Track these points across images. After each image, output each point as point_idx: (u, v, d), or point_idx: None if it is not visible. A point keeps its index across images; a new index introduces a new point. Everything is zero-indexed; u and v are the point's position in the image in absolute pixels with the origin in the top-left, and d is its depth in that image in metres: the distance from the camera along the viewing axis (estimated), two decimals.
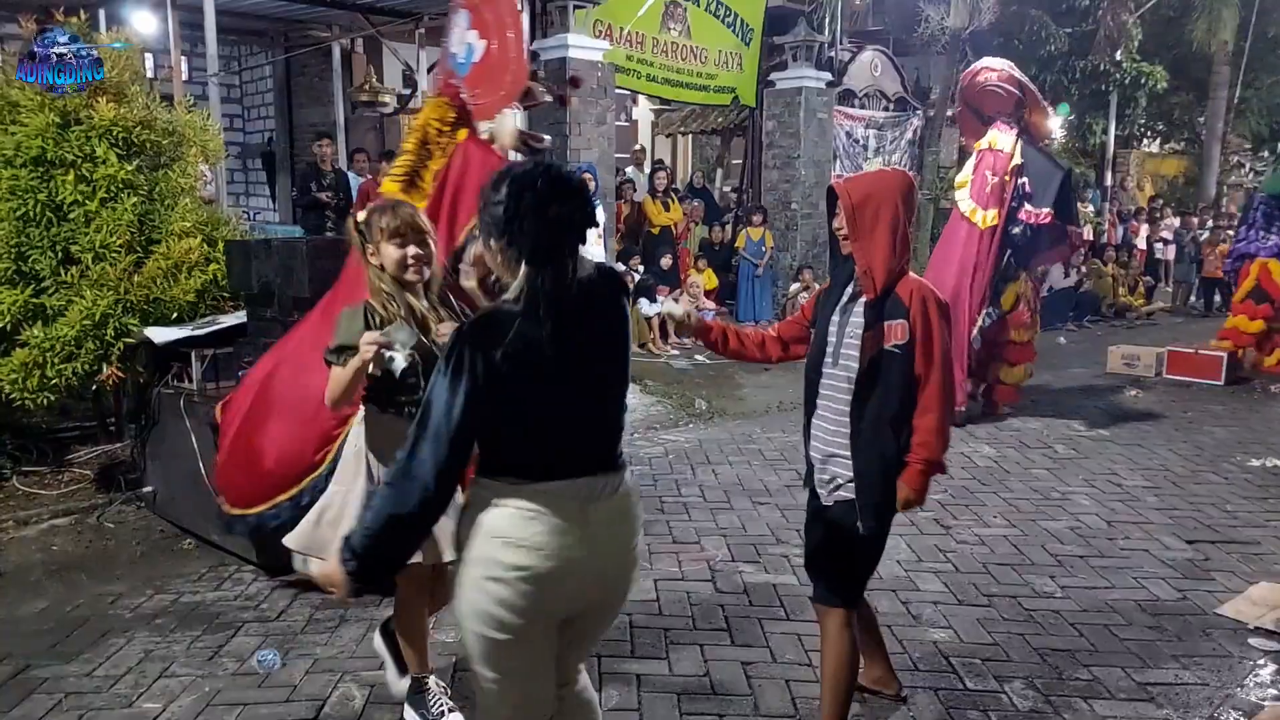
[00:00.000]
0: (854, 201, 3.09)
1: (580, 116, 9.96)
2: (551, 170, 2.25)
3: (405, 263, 3.11)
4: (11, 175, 5.48)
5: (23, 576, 4.84)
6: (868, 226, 3.07)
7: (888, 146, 14.84)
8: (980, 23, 13.97)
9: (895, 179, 3.18)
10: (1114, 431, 7.80)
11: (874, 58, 14.61)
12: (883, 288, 3.06)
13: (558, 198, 2.20)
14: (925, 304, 3.04)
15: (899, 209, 3.08)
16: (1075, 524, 5.59)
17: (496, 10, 4.38)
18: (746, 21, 13.03)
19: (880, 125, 14.71)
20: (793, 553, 4.97)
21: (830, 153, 13.55)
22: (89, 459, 6.36)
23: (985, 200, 7.84)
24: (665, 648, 4.02)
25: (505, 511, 2.24)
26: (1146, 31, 17.46)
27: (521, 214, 2.18)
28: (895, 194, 3.09)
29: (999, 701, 3.64)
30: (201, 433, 4.99)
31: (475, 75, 4.40)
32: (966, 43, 14.22)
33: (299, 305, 4.88)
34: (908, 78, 15.40)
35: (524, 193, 2.19)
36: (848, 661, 3.20)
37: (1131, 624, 4.31)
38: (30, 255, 5.49)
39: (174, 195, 6.00)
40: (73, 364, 5.38)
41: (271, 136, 14.30)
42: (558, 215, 2.20)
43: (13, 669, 3.85)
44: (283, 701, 3.61)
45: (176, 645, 4.06)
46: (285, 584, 4.61)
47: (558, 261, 2.22)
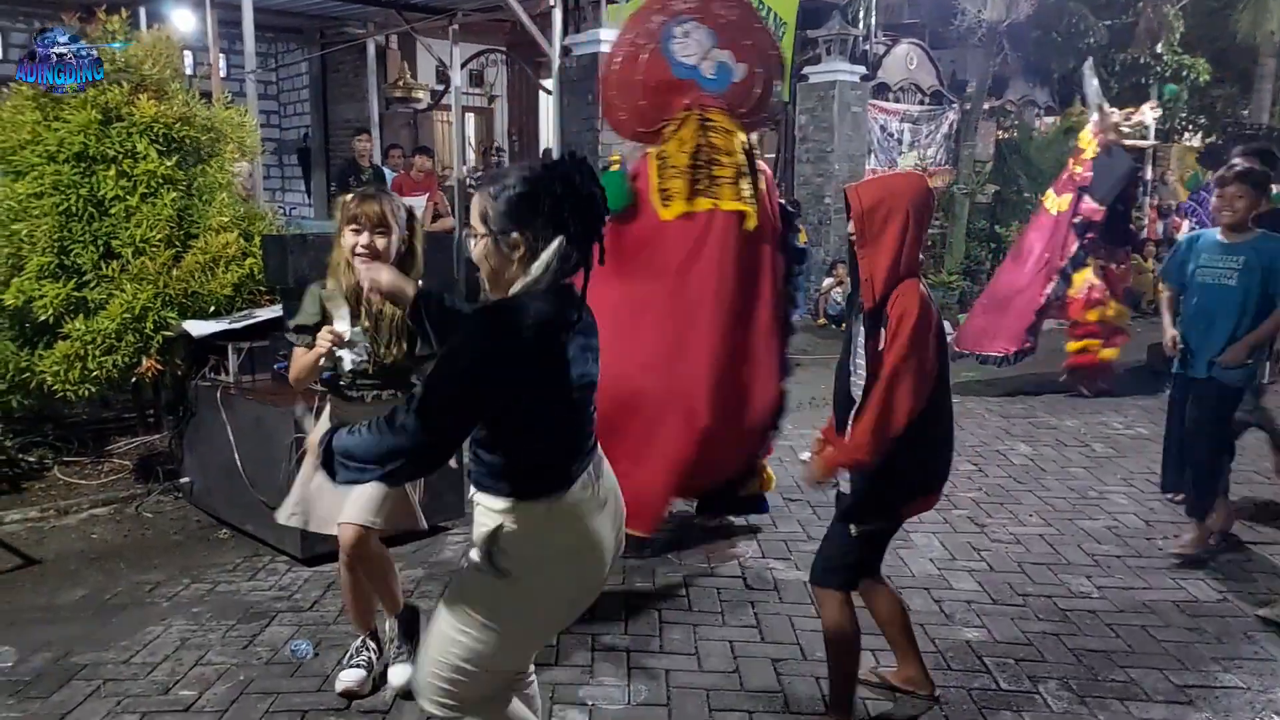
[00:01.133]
0: (863, 207, 3.05)
1: None
2: (580, 160, 2.25)
3: (355, 249, 3.29)
4: (55, 171, 5.56)
5: (63, 564, 4.92)
6: (875, 233, 3.04)
7: (923, 140, 14.72)
8: (1018, 15, 13.81)
9: (908, 184, 3.14)
10: (1153, 430, 7.68)
11: (909, 51, 14.49)
12: (880, 296, 3.03)
13: (590, 179, 2.22)
14: (902, 317, 2.98)
15: (909, 216, 3.03)
16: (1113, 523, 5.53)
17: (758, 42, 5.06)
18: (780, 15, 12.94)
19: (915, 119, 14.58)
20: None
21: (864, 147, 13.45)
22: (128, 450, 6.45)
23: (1060, 187, 8.65)
24: (695, 643, 4.02)
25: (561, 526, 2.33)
26: (1188, 23, 17.20)
27: (563, 197, 2.17)
28: (906, 201, 3.04)
29: (1033, 702, 3.61)
30: (237, 425, 5.05)
31: (735, 94, 4.96)
32: (1004, 35, 14.09)
33: None
34: (944, 71, 15.27)
35: (554, 181, 2.19)
36: (850, 639, 3.23)
37: (1170, 625, 4.26)
38: (72, 249, 5.56)
39: (212, 190, 6.06)
40: (113, 356, 5.45)
41: (307, 132, 14.41)
42: (596, 195, 2.22)
43: (53, 655, 3.91)
44: (315, 691, 3.65)
45: (212, 634, 4.11)
46: (318, 574, 4.66)
47: (588, 250, 2.24)
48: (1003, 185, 14.01)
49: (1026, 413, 8.21)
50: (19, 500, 5.65)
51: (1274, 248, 4.81)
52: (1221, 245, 4.94)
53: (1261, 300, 4.79)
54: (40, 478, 5.97)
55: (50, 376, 5.44)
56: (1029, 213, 13.46)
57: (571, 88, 10.08)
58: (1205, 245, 5.03)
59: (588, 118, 9.78)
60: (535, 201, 2.18)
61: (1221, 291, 4.87)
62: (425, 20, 11.49)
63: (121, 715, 3.48)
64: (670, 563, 4.91)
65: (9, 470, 5.87)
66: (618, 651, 3.94)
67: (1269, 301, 4.79)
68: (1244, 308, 4.80)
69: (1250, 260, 4.80)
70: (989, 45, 14.17)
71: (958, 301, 13.16)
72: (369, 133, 11.22)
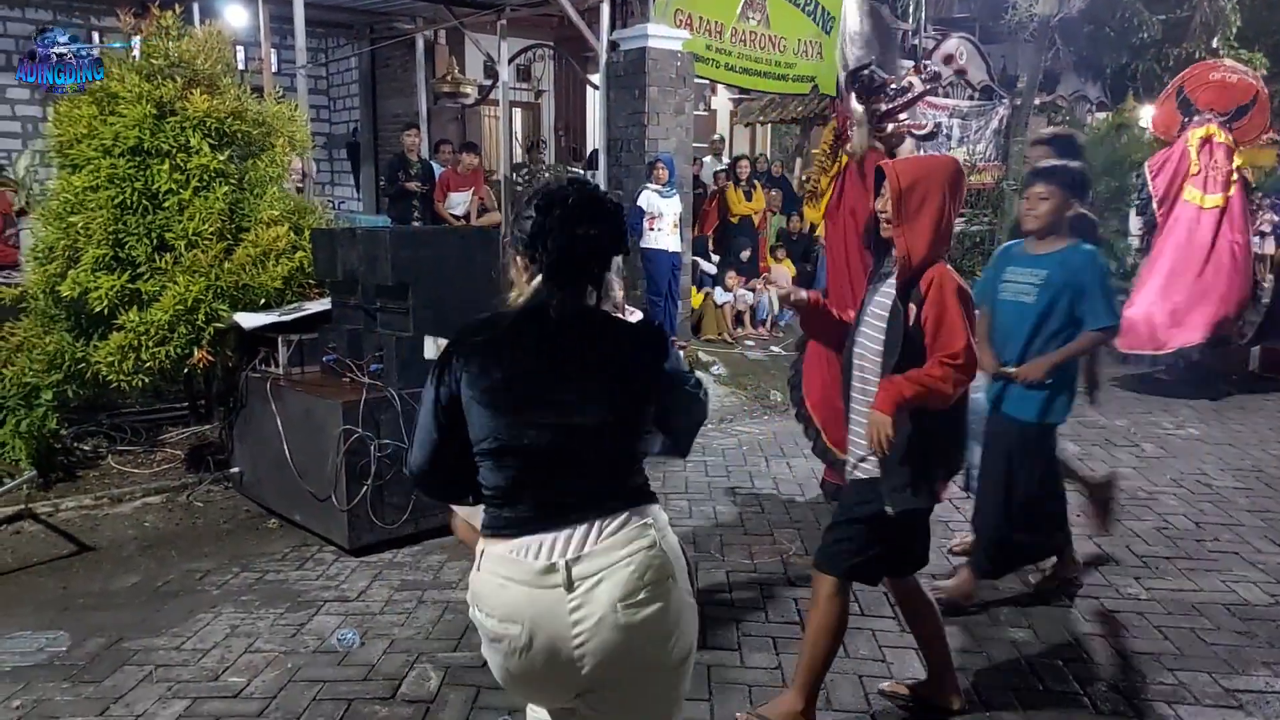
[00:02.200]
0: (902, 186, 3.04)
1: (658, 106, 9.94)
2: (586, 189, 2.15)
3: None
4: (110, 164, 5.64)
5: (117, 551, 5.02)
6: (912, 212, 3.02)
7: (972, 136, 14.57)
8: (1070, 9, 13.64)
9: (944, 165, 3.13)
10: (1204, 430, 7.58)
11: (960, 45, 14.35)
12: (915, 270, 3.03)
13: (586, 218, 2.10)
14: (942, 289, 3.00)
15: (945, 197, 3.03)
16: (1162, 524, 5.45)
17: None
18: (827, 9, 12.86)
19: (965, 114, 14.44)
20: None
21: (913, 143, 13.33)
22: (180, 440, 6.57)
23: (1208, 186, 8.90)
24: (737, 639, 4.02)
25: (482, 573, 2.10)
26: (1245, 17, 16.84)
27: (547, 230, 2.08)
28: (943, 181, 3.04)
29: (1079, 704, 3.57)
30: (287, 416, 5.12)
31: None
32: (1055, 30, 13.90)
33: (382, 293, 4.97)
34: (994, 66, 15.10)
35: (553, 209, 2.10)
36: (829, 628, 3.21)
37: (1220, 628, 4.19)
38: (127, 242, 5.64)
39: (263, 184, 6.13)
40: (166, 348, 5.52)
41: (356, 127, 14.53)
42: (584, 236, 2.09)
43: (106, 640, 4.00)
44: (361, 680, 3.69)
45: (261, 622, 4.18)
46: (365, 565, 4.72)
47: (573, 284, 2.11)
48: None
49: (1074, 412, 8.07)
50: (74, 488, 5.77)
51: (1082, 261, 4.02)
52: (1027, 257, 4.16)
53: (1068, 323, 4.04)
54: (95, 466, 6.09)
55: (105, 367, 5.53)
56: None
57: (618, 83, 10.07)
58: (1013, 257, 4.26)
59: (635, 113, 9.76)
60: (532, 232, 2.12)
61: (1019, 310, 4.10)
62: (473, 15, 11.54)
63: (171, 701, 3.54)
64: (713, 559, 4.91)
65: (65, 459, 6.00)
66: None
67: (1075, 325, 4.04)
68: (1039, 329, 4.06)
69: (1053, 275, 4.01)
70: (1040, 40, 14.00)
71: None
72: (417, 127, 11.29)
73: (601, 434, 2.09)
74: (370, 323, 5.12)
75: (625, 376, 2.13)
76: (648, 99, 9.76)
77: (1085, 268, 4.01)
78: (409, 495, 4.91)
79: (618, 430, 2.12)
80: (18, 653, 3.91)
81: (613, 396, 2.10)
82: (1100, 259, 4.09)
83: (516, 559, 2.05)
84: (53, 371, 5.68)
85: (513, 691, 2.24)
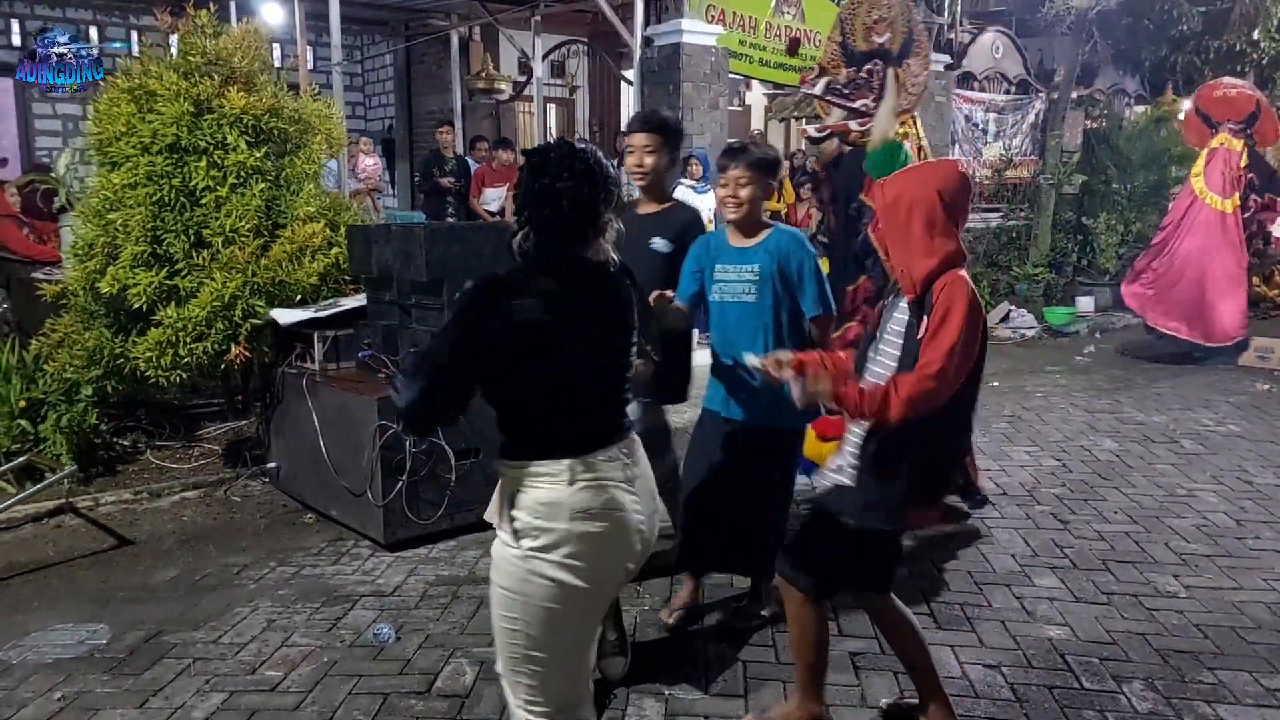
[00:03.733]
0: (885, 201, 2.95)
1: (693, 102, 9.93)
2: (564, 148, 2.34)
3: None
4: (148, 161, 5.69)
5: (155, 545, 5.08)
6: (899, 226, 2.90)
7: (1008, 130, 14.44)
8: (1107, 1, 13.46)
9: (934, 175, 2.97)
10: (1245, 427, 7.47)
11: (995, 39, 14.22)
12: (922, 287, 2.87)
13: (565, 175, 2.30)
14: (950, 298, 2.80)
15: (937, 206, 2.86)
16: (1202, 522, 5.38)
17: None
18: None
19: (1001, 109, 14.32)
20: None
21: (948, 137, 13.25)
22: (217, 435, 6.64)
23: (1223, 189, 9.76)
24: (771, 635, 4.00)
25: (579, 490, 2.32)
26: None
27: (537, 190, 2.31)
28: (931, 191, 2.87)
29: (1116, 702, 3.53)
30: (322, 412, 5.15)
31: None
32: (1093, 22, 13.74)
33: (417, 289, 4.99)
34: (1030, 60, 14.95)
35: (539, 170, 2.31)
36: (810, 641, 3.15)
37: (1260, 627, 4.13)
38: (164, 239, 5.70)
39: (299, 181, 6.18)
40: (203, 343, 5.57)
41: (391, 124, 14.63)
42: (566, 192, 2.29)
43: (145, 634, 4.04)
44: (396, 674, 3.71)
45: (297, 616, 4.21)
46: (400, 560, 4.74)
47: (565, 238, 2.34)
48: (1090, 176, 13.65)
49: (1112, 408, 8.01)
50: (113, 483, 5.84)
51: (787, 244, 3.72)
52: (734, 251, 3.79)
53: (793, 317, 3.74)
54: (133, 461, 6.16)
55: (143, 362, 5.59)
56: (1117, 204, 13.17)
57: (653, 78, 10.08)
58: (718, 251, 3.83)
59: (669, 108, 9.76)
60: (522, 193, 2.37)
61: (743, 311, 3.74)
62: (508, 11, 11.57)
63: (209, 694, 3.58)
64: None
65: (104, 454, 6.08)
66: (695, 641, 3.96)
67: (799, 318, 3.75)
68: (769, 328, 3.72)
69: (764, 267, 3.70)
70: (1078, 33, 13.84)
71: (1042, 295, 12.88)
72: (452, 124, 11.35)
73: (620, 367, 2.49)
74: (405, 319, 5.14)
75: (629, 319, 2.49)
76: (682, 94, 9.76)
77: (792, 251, 3.73)
78: (444, 491, 4.93)
79: (627, 363, 2.51)
80: (59, 645, 3.96)
81: (627, 336, 2.49)
82: (807, 242, 3.81)
83: (605, 463, 2.37)
84: (92, 367, 5.76)
85: (564, 625, 2.36)
